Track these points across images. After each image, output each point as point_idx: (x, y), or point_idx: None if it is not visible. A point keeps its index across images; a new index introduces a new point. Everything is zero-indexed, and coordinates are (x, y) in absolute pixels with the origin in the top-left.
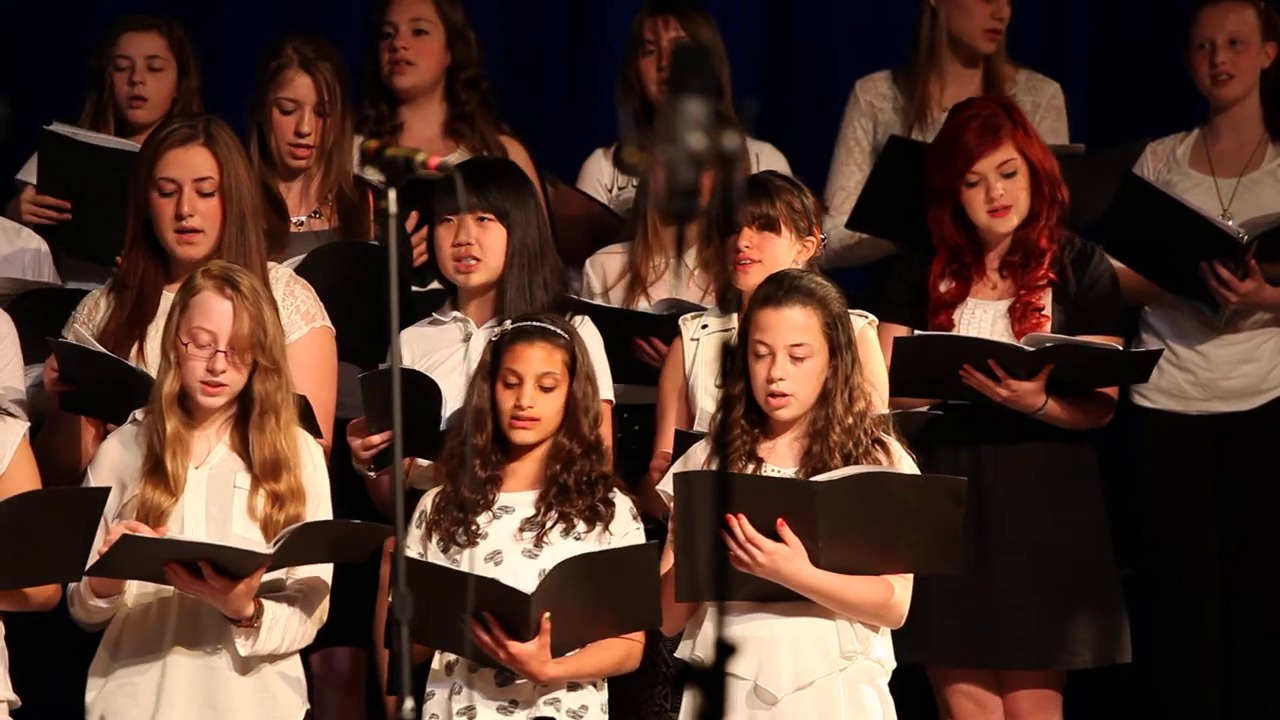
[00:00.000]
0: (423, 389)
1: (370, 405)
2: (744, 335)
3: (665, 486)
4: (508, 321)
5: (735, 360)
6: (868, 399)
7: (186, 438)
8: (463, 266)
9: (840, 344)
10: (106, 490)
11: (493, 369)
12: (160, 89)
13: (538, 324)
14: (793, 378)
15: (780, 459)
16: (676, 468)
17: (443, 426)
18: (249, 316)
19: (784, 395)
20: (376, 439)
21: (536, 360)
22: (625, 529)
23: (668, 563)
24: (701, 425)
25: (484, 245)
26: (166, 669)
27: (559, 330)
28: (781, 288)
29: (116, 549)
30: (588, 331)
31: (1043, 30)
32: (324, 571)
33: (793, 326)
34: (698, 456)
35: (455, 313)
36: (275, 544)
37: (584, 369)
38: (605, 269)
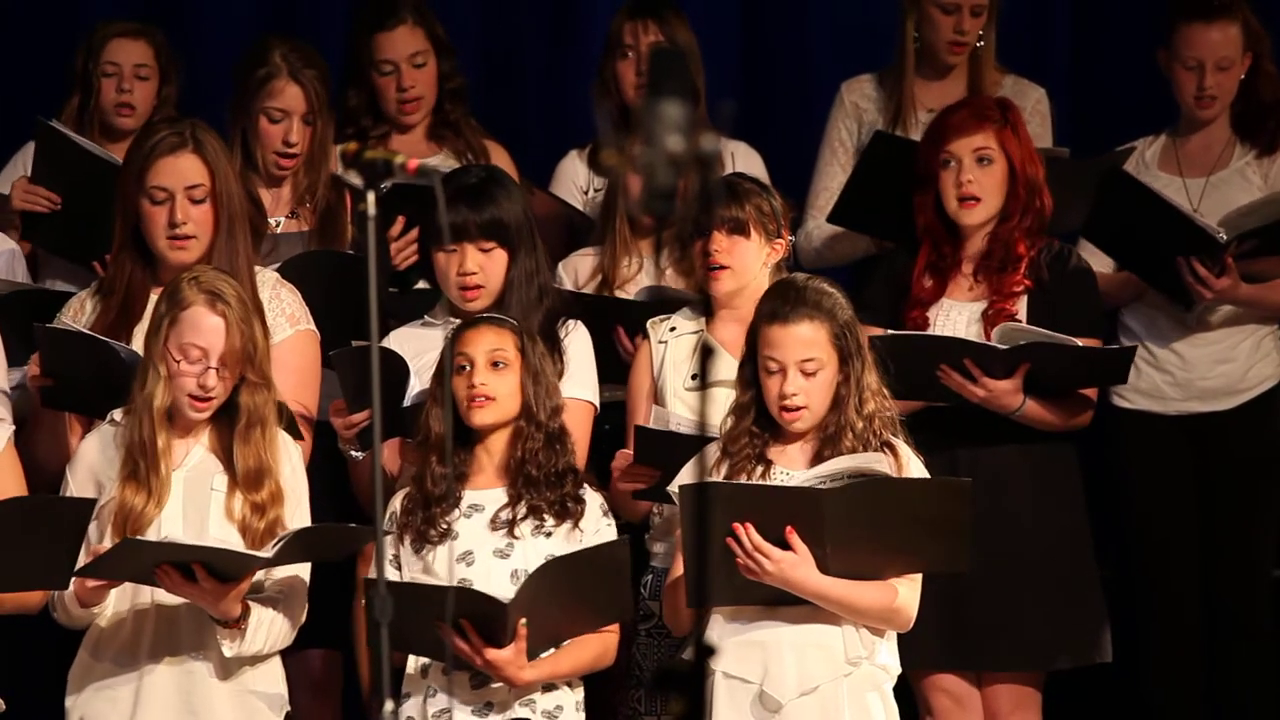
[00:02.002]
0: (392, 366)
1: (344, 382)
2: (752, 346)
3: (674, 490)
4: (455, 320)
5: (744, 369)
6: (876, 399)
7: (170, 441)
8: (469, 295)
9: (850, 351)
10: (93, 502)
11: (447, 367)
12: (146, 97)
13: (484, 315)
14: (805, 391)
15: (791, 461)
16: (685, 475)
17: (406, 403)
18: (239, 332)
19: (798, 409)
20: (357, 418)
21: (485, 340)
22: (596, 525)
23: (679, 568)
24: (674, 427)
25: (488, 271)
26: (145, 674)
27: (506, 318)
28: (787, 302)
29: (117, 551)
30: (579, 335)
31: (1025, 36)
32: (302, 570)
33: (802, 342)
34: (708, 461)
35: (448, 315)
36: (274, 546)
37: (535, 356)
38: (577, 270)
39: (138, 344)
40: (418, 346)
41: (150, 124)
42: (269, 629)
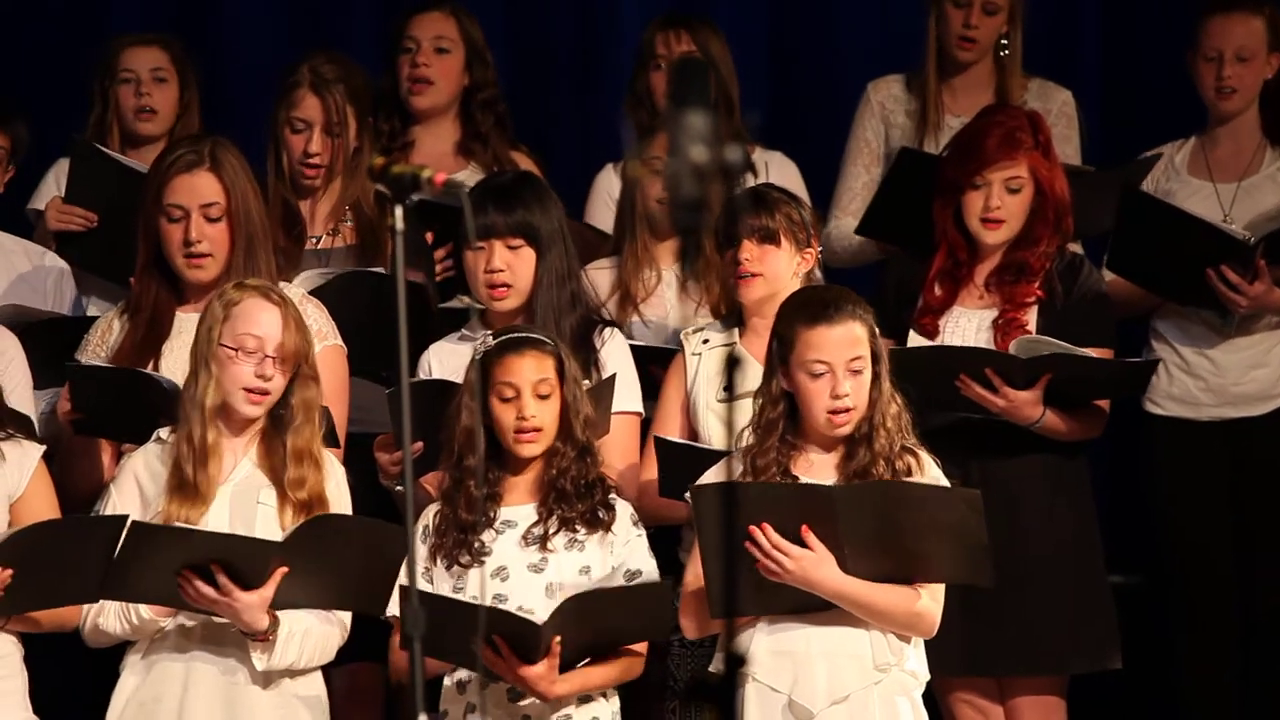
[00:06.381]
0: (448, 397)
1: (396, 419)
2: (784, 359)
3: (687, 497)
4: (489, 335)
5: (770, 384)
6: (895, 402)
7: (219, 450)
8: (496, 294)
9: (880, 352)
10: (124, 518)
11: (483, 385)
12: (167, 101)
13: (523, 334)
14: (853, 391)
15: (818, 471)
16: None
17: None
18: (294, 324)
19: (848, 410)
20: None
21: (530, 369)
22: (626, 535)
23: (694, 567)
24: (706, 440)
25: (515, 270)
26: (189, 684)
27: (544, 338)
28: (826, 305)
29: (127, 542)
30: (617, 344)
31: (1053, 42)
32: None
33: (850, 341)
34: (731, 473)
35: (484, 329)
36: (289, 532)
37: (571, 373)
38: (596, 285)
39: (166, 362)
40: (456, 363)
41: (173, 142)
42: (301, 642)
